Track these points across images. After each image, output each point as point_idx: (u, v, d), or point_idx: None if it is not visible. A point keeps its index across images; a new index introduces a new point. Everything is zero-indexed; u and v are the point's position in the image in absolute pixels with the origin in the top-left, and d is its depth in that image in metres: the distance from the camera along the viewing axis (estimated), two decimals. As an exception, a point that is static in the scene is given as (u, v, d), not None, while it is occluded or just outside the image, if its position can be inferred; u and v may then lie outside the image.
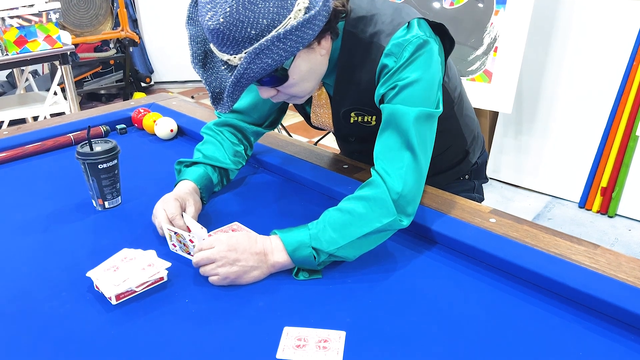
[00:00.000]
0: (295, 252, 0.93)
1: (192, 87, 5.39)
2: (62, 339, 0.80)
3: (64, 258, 1.01)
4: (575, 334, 0.80)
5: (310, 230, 0.94)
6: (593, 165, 2.89)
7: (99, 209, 1.17)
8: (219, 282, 0.93)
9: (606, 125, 2.82)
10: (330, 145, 3.60)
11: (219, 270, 0.92)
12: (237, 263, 0.92)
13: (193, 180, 1.16)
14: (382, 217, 0.94)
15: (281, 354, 0.77)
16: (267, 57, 0.86)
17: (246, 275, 0.93)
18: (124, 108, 1.73)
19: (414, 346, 0.78)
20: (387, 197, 0.95)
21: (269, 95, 1.00)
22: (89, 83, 4.77)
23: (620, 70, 2.74)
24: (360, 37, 1.03)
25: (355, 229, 0.93)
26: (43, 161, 1.44)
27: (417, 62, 0.99)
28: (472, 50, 2.78)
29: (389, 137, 1.00)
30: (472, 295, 0.89)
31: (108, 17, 4.35)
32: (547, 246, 0.95)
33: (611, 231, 2.75)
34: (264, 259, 0.94)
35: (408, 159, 0.97)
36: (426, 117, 0.99)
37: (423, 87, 0.99)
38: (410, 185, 0.97)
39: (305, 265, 0.94)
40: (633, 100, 2.70)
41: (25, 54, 2.88)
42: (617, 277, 0.86)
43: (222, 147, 1.23)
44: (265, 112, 1.27)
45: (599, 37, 2.78)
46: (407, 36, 1.00)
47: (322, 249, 0.92)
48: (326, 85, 1.13)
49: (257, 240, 0.95)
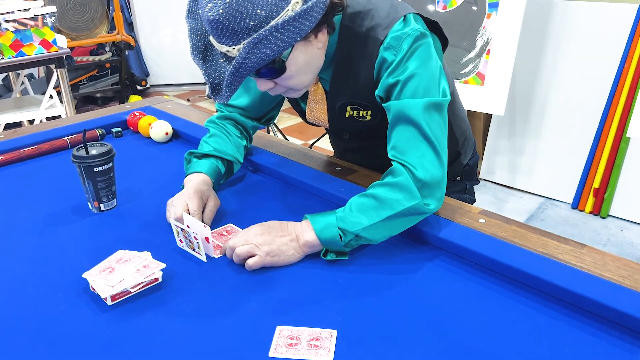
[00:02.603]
0: (322, 232, 0.97)
1: (188, 90, 5.40)
2: (59, 340, 0.82)
3: (60, 260, 1.02)
4: (561, 331, 0.82)
5: (337, 213, 0.99)
6: (585, 166, 2.92)
7: (94, 211, 1.19)
8: (257, 264, 0.96)
9: (598, 126, 2.85)
10: (325, 147, 3.61)
11: (258, 251, 0.96)
12: (273, 243, 0.97)
13: (207, 172, 1.19)
14: (405, 201, 0.97)
15: (273, 352, 0.78)
16: (265, 47, 0.88)
17: (282, 255, 0.97)
18: (119, 111, 1.74)
19: (404, 345, 0.80)
20: (410, 182, 0.98)
21: (266, 87, 1.02)
22: (85, 86, 4.78)
23: (611, 72, 2.77)
24: (357, 30, 1.06)
25: (379, 211, 0.97)
26: (39, 164, 1.45)
27: (417, 54, 1.02)
28: (465, 53, 2.80)
29: (401, 132, 1.02)
30: (461, 294, 0.91)
31: (104, 20, 4.36)
32: (534, 246, 0.97)
33: (604, 232, 2.77)
34: (295, 238, 0.99)
35: (425, 148, 1.00)
36: (434, 106, 1.01)
37: (426, 78, 1.01)
38: (433, 172, 0.99)
39: (332, 245, 0.98)
40: (624, 101, 2.73)
41: (21, 57, 2.88)
42: (602, 276, 0.88)
43: (229, 140, 1.27)
44: (264, 109, 1.33)
45: (590, 40, 2.81)
46: (405, 29, 1.02)
47: (347, 230, 0.96)
48: (322, 80, 1.15)
49: (288, 224, 1.01)
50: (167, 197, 1.25)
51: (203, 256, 1.00)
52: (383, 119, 1.13)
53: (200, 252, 1.00)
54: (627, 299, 0.83)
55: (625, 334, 0.81)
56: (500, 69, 2.70)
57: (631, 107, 2.69)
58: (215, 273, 0.97)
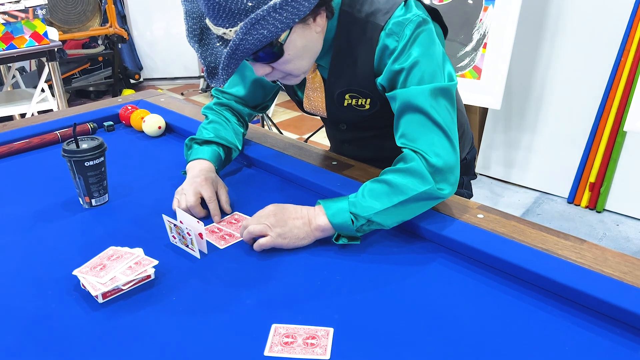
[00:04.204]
0: (334, 217, 0.97)
1: (182, 84, 5.37)
2: (49, 338, 0.80)
3: (50, 256, 1.00)
4: (561, 328, 0.81)
5: (350, 199, 0.98)
6: (581, 160, 2.91)
7: (85, 206, 1.16)
8: (267, 244, 0.97)
9: (594, 121, 2.84)
10: (320, 142, 3.59)
11: (270, 232, 0.97)
12: (286, 225, 0.98)
13: (210, 159, 1.19)
14: (418, 186, 0.96)
15: (269, 351, 0.76)
16: (263, 27, 0.86)
17: (294, 238, 0.98)
18: (111, 105, 1.71)
19: (402, 342, 0.78)
20: (423, 168, 0.97)
21: (264, 72, 1.00)
22: (77, 80, 4.74)
23: (608, 65, 2.76)
24: (357, 16, 1.04)
25: (391, 196, 0.96)
26: (29, 159, 1.42)
27: (419, 39, 1.00)
28: (461, 46, 2.78)
29: (410, 119, 1.00)
30: (459, 290, 0.90)
31: (96, 13, 4.31)
32: (534, 241, 0.96)
33: (599, 226, 2.77)
34: (307, 222, 0.99)
35: (435, 134, 0.98)
36: (440, 91, 0.99)
37: (431, 64, 1.00)
38: (445, 158, 0.97)
39: (344, 230, 0.98)
40: (621, 95, 2.72)
41: (11, 50, 2.85)
42: (603, 272, 0.87)
43: (229, 127, 1.27)
44: (260, 99, 1.33)
45: (587, 33, 2.80)
46: (407, 15, 1.00)
47: (359, 214, 0.96)
48: (321, 68, 1.13)
49: (302, 208, 1.01)
50: (159, 192, 1.23)
51: (197, 252, 0.98)
52: (381, 108, 1.11)
53: (193, 249, 0.99)
54: (629, 296, 0.81)
55: (627, 330, 0.80)
56: (497, 62, 2.69)
57: (628, 100, 2.69)
58: (209, 270, 0.95)
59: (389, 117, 1.07)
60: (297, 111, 4.27)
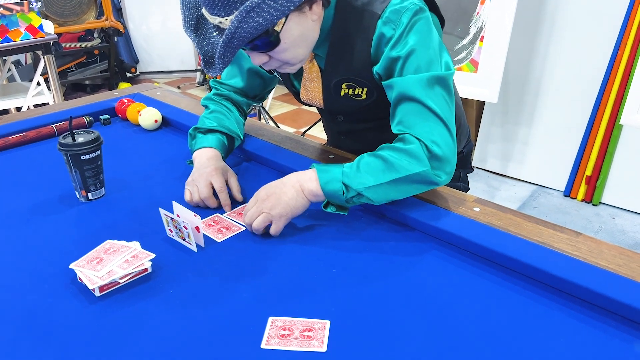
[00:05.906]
0: (326, 185, 0.98)
1: (179, 77, 5.35)
2: (45, 332, 0.80)
3: (46, 250, 1.00)
4: (556, 320, 0.81)
5: (344, 168, 0.99)
6: (578, 154, 2.92)
7: (82, 200, 1.16)
8: (279, 229, 1.00)
9: (591, 114, 2.84)
10: (317, 135, 3.59)
11: (271, 217, 0.99)
12: (280, 202, 0.99)
13: (216, 147, 1.20)
14: (413, 166, 0.96)
15: (266, 344, 0.77)
16: (258, 15, 0.86)
17: (293, 209, 0.99)
18: (107, 98, 1.71)
19: (398, 334, 0.79)
20: (420, 151, 0.97)
21: (260, 61, 1.00)
22: (73, 73, 4.71)
23: (605, 59, 2.76)
24: (354, 4, 1.04)
25: (385, 173, 0.97)
26: (25, 152, 1.42)
27: (416, 27, 1.00)
28: (458, 39, 2.78)
29: (407, 108, 1.00)
30: (455, 283, 0.90)
31: (92, 6, 4.29)
32: (530, 234, 0.96)
33: (595, 219, 2.78)
34: (299, 189, 1.00)
35: (433, 122, 0.98)
36: (437, 80, 0.99)
37: (427, 52, 1.00)
38: (443, 146, 0.98)
39: (334, 199, 0.99)
40: (617, 89, 2.72)
41: (6, 43, 2.83)
42: (598, 265, 0.87)
43: (232, 117, 1.28)
44: (257, 90, 1.34)
45: (584, 27, 2.80)
46: (403, 3, 1.00)
47: (351, 186, 0.97)
48: (317, 57, 1.13)
49: (290, 175, 1.02)
50: (156, 185, 1.23)
51: (193, 246, 0.98)
52: (378, 98, 1.11)
53: (190, 242, 0.99)
54: (624, 288, 0.82)
55: (622, 323, 0.80)
56: (494, 55, 2.68)
57: (624, 94, 2.69)
58: (206, 263, 0.96)
59: (386, 108, 1.07)
60: (294, 105, 4.27)
